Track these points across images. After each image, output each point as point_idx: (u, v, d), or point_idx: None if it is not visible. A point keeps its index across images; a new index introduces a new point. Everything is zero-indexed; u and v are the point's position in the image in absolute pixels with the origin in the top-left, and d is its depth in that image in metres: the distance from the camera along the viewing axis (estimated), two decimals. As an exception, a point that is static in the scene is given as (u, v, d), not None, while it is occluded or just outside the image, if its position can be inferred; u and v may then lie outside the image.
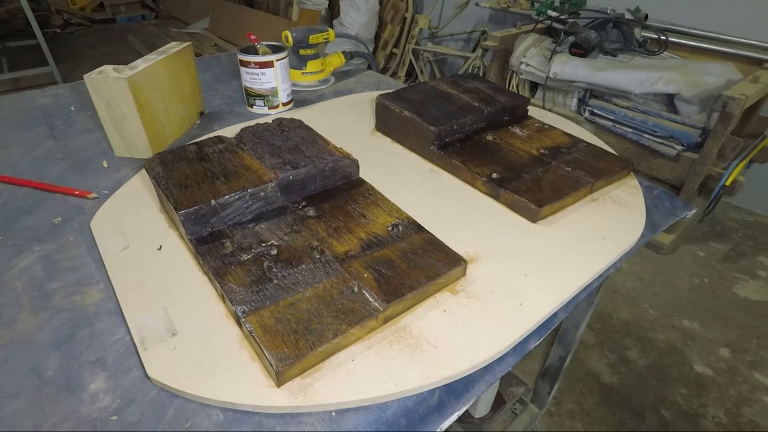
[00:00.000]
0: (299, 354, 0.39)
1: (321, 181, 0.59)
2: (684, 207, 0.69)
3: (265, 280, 0.46)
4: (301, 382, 0.39)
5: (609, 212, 0.62)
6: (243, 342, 0.42)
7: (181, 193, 0.52)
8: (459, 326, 0.45)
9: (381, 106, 0.79)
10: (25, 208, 0.62)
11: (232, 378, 0.39)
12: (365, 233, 0.52)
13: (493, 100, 0.79)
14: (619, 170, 0.68)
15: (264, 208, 0.55)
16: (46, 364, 0.41)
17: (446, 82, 0.85)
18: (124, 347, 0.43)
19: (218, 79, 1.09)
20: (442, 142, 0.72)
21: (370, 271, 0.47)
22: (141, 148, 0.74)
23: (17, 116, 0.88)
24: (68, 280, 0.50)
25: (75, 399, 0.38)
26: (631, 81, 1.68)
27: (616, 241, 0.57)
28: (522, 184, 0.63)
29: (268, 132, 0.65)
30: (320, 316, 0.42)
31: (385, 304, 0.43)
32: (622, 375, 1.32)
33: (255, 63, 0.85)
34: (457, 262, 0.49)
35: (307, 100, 0.97)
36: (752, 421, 1.20)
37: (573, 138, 0.76)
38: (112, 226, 0.57)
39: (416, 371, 0.40)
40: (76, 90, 0.99)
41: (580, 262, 0.53)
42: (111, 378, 0.40)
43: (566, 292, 0.49)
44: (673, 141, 1.64)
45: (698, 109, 1.62)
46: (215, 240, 0.51)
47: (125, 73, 0.68)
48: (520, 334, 0.44)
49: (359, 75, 1.12)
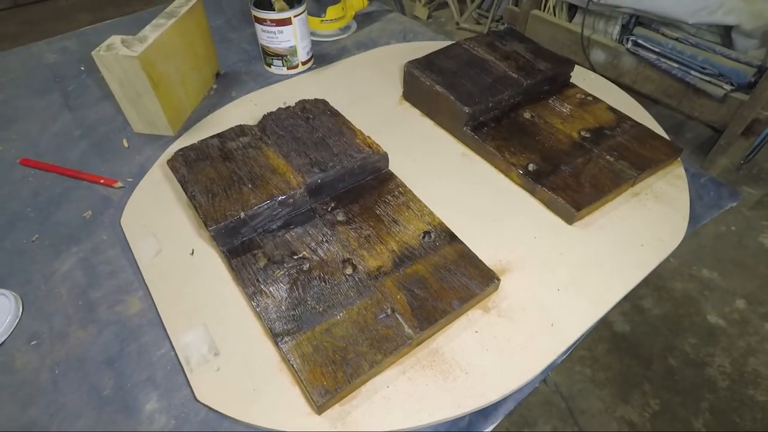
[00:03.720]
0: (338, 387, 0.41)
1: (350, 179, 0.57)
2: (730, 197, 0.66)
3: (300, 301, 0.46)
4: (340, 409, 0.41)
5: (650, 211, 0.59)
6: (282, 364, 0.44)
7: (209, 203, 0.51)
8: (490, 350, 0.46)
9: (409, 76, 0.73)
10: (55, 199, 0.62)
11: (275, 403, 0.42)
12: (396, 243, 0.52)
13: (533, 68, 0.71)
14: (665, 158, 0.64)
15: (293, 213, 0.54)
16: (102, 383, 0.44)
17: (482, 44, 0.77)
18: (170, 363, 0.46)
19: (230, 24, 1.00)
20: (476, 122, 0.68)
21: (403, 292, 0.47)
22: (160, 125, 0.71)
23: (26, 78, 0.85)
24: (109, 288, 0.52)
25: (134, 420, 0.42)
26: (687, 8, 1.49)
27: (654, 248, 0.55)
28: (560, 179, 0.60)
29: (291, 120, 0.61)
30: (356, 344, 0.43)
31: (419, 330, 0.44)
32: (635, 324, 1.37)
33: (271, 20, 0.77)
34: (491, 280, 0.48)
35: (328, 55, 0.90)
36: (755, 371, 1.26)
37: (618, 115, 0.70)
38: (142, 225, 0.57)
39: (448, 399, 0.42)
40: (84, 43, 0.93)
41: (614, 275, 0.52)
42: (163, 397, 0.43)
43: (598, 311, 0.49)
44: (722, 80, 1.50)
45: (758, 43, 1.45)
46: (247, 251, 0.51)
47: (136, 49, 0.63)
48: (550, 360, 0.45)
49: (383, 20, 1.02)
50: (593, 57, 1.82)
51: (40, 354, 0.47)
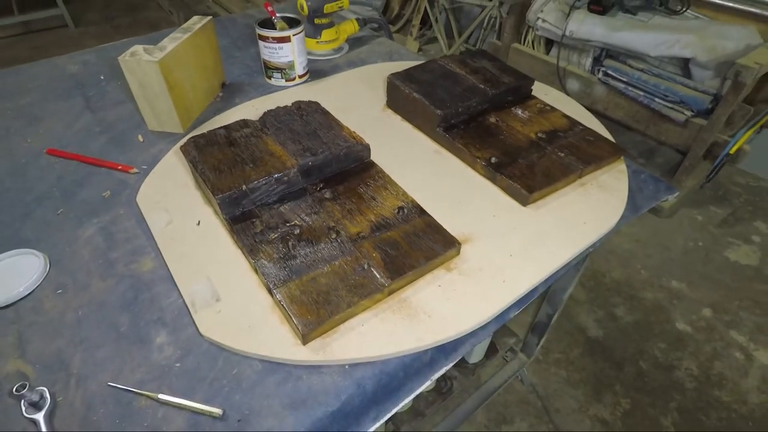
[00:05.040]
0: (320, 320, 0.49)
1: (336, 164, 0.67)
2: (666, 190, 0.76)
3: (291, 257, 0.55)
4: (322, 341, 0.49)
5: (593, 197, 0.69)
6: (273, 308, 0.52)
7: (216, 177, 0.60)
8: (450, 299, 0.54)
9: (391, 86, 0.84)
10: (78, 182, 0.71)
11: (267, 337, 0.50)
12: (375, 215, 0.61)
13: (498, 81, 0.83)
14: (609, 156, 0.74)
15: (287, 190, 0.63)
16: (119, 321, 0.52)
17: (455, 60, 0.88)
18: (177, 308, 0.54)
19: (236, 45, 1.12)
20: (448, 124, 0.78)
21: (378, 251, 0.56)
22: (172, 123, 0.81)
23: (52, 86, 0.95)
24: (125, 250, 0.60)
25: (146, 349, 0.49)
26: (648, 43, 1.65)
27: (594, 225, 0.64)
28: (517, 170, 0.70)
29: (288, 116, 0.71)
30: (336, 289, 0.52)
31: (390, 280, 0.53)
32: (608, 329, 1.44)
33: (273, 38, 0.89)
34: (452, 245, 0.57)
35: (322, 71, 1.02)
36: (721, 373, 1.33)
37: (571, 120, 0.81)
38: (155, 201, 0.66)
39: (413, 336, 0.50)
40: (102, 57, 1.04)
41: (560, 246, 0.61)
42: (171, 333, 0.51)
43: (543, 272, 0.58)
44: (683, 106, 1.65)
45: (713, 74, 1.61)
46: (246, 219, 0.60)
47: (156, 56, 0.73)
48: (500, 307, 0.54)
49: (372, 43, 1.14)
50: (569, 86, 1.98)
51: (65, 300, 0.54)
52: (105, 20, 3.45)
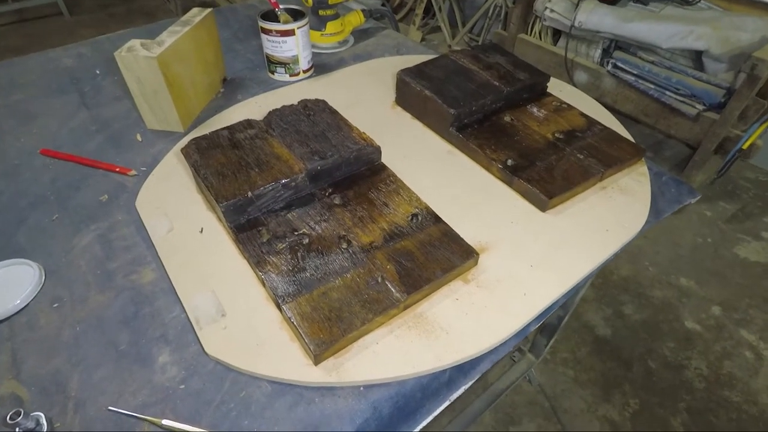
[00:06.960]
0: (333, 339, 0.46)
1: (346, 168, 0.63)
2: (689, 194, 0.73)
3: (300, 269, 0.52)
4: (335, 361, 0.47)
5: (615, 202, 0.66)
6: (283, 324, 0.49)
7: (220, 183, 0.57)
8: (469, 314, 0.51)
9: (401, 82, 0.80)
10: (73, 185, 0.68)
11: (276, 356, 0.47)
12: (387, 223, 0.57)
13: (513, 78, 0.79)
14: (630, 158, 0.71)
15: (294, 196, 0.60)
16: (119, 339, 0.49)
17: (467, 55, 0.85)
18: (181, 324, 0.51)
19: (237, 37, 1.08)
20: (461, 123, 0.75)
21: (392, 263, 0.53)
22: (171, 122, 0.77)
23: (46, 80, 0.91)
24: (125, 260, 0.57)
25: (148, 370, 0.46)
26: (660, 34, 1.61)
27: (617, 233, 0.61)
28: (535, 173, 0.66)
29: (294, 116, 0.68)
30: (349, 305, 0.49)
31: (406, 295, 0.50)
32: (616, 328, 1.42)
33: (276, 31, 0.85)
34: (470, 255, 0.54)
35: (327, 65, 0.98)
36: (731, 373, 1.31)
37: (589, 120, 0.77)
38: (155, 206, 0.63)
39: (431, 354, 0.47)
40: (98, 50, 1.00)
41: (582, 255, 0.58)
42: (175, 352, 0.48)
43: (565, 284, 0.55)
44: (694, 100, 1.61)
45: (726, 67, 1.56)
46: (252, 228, 0.56)
47: (154, 51, 0.70)
48: (522, 322, 0.51)
49: (378, 35, 1.10)
50: (576, 78, 1.93)
51: (61, 314, 0.51)
52: (100, 8, 3.37)
